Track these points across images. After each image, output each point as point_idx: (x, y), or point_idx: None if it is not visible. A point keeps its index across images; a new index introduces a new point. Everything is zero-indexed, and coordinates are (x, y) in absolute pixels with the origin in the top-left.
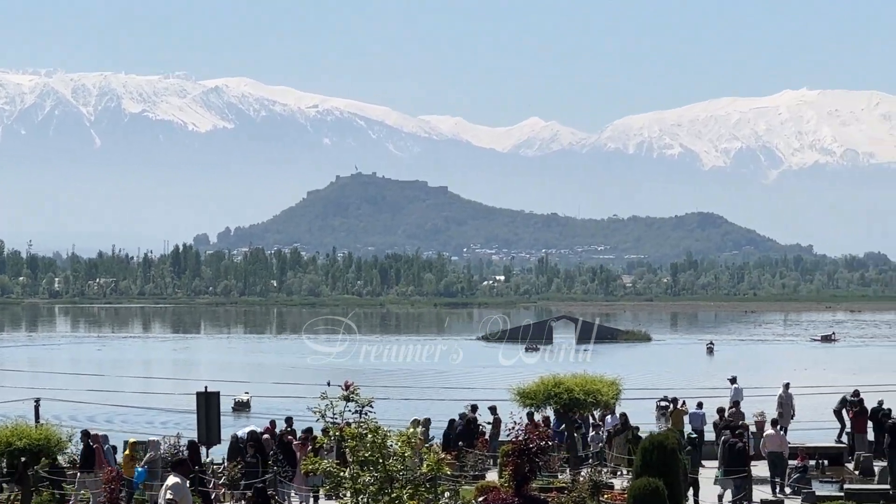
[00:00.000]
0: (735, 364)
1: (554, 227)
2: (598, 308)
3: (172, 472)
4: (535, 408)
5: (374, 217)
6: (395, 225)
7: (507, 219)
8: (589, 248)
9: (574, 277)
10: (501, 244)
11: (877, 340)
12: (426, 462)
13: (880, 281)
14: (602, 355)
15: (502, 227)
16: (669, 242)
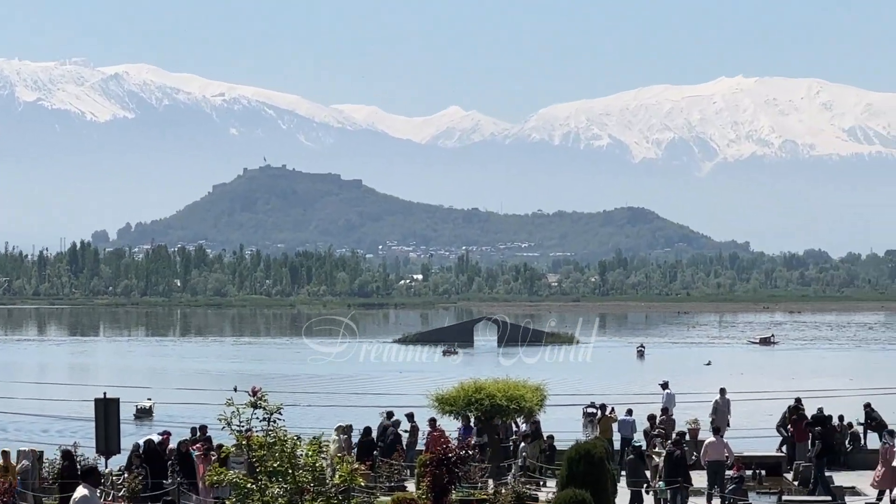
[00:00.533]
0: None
1: (475, 222)
2: (521, 309)
3: (82, 482)
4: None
5: (284, 212)
6: (306, 221)
7: (426, 214)
8: (512, 245)
9: (496, 276)
10: (419, 241)
11: (817, 343)
12: (339, 473)
13: (821, 280)
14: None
15: (420, 222)
16: (597, 239)
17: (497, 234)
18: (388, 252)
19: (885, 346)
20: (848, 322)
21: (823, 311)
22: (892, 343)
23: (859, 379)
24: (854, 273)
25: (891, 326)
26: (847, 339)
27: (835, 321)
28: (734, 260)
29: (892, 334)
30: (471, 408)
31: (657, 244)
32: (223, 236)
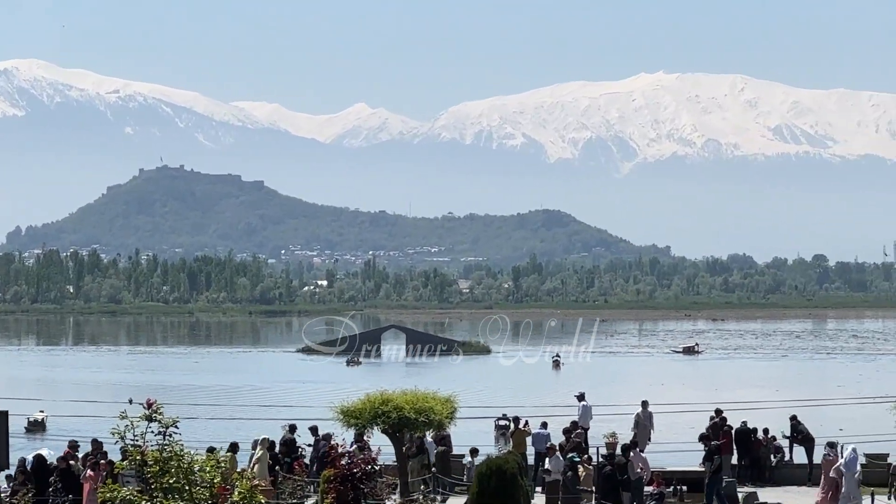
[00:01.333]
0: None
1: (382, 226)
2: (431, 316)
3: None
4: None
5: (182, 215)
6: (205, 224)
7: (330, 217)
8: (421, 249)
9: (405, 282)
10: (324, 245)
11: (742, 352)
12: (238, 490)
13: (745, 286)
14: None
15: (325, 226)
16: (511, 243)
17: (405, 238)
18: (291, 257)
19: (812, 356)
20: (774, 330)
21: (748, 319)
22: (820, 352)
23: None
24: (780, 279)
25: (818, 335)
26: (773, 348)
27: (760, 329)
28: (654, 265)
29: (820, 343)
30: (377, 420)
31: (573, 248)
32: (118, 240)
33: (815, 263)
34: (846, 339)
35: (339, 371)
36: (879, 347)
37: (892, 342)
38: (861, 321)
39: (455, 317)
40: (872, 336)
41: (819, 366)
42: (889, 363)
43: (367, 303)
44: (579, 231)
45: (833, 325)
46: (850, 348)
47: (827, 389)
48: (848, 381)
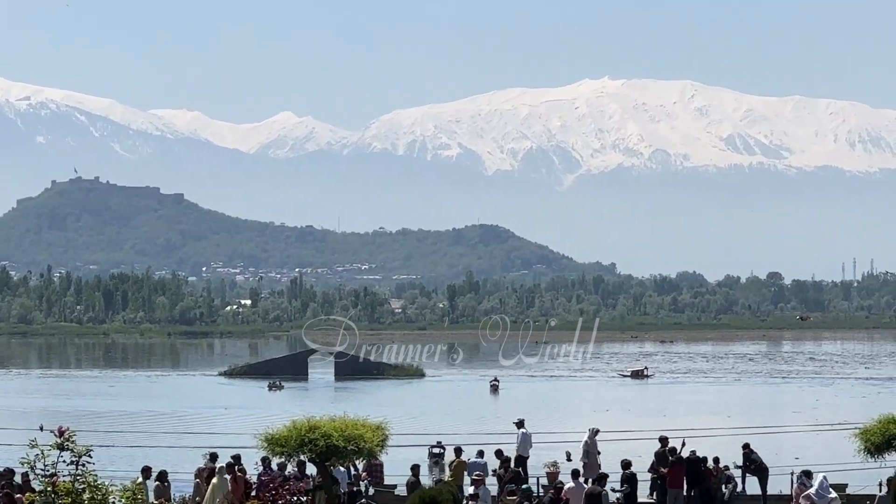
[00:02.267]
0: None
1: (309, 241)
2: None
3: None
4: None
5: (97, 230)
6: (121, 239)
7: (254, 232)
8: (351, 266)
9: (333, 302)
10: (247, 262)
11: (691, 376)
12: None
13: (695, 306)
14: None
15: (248, 242)
16: (446, 260)
17: (334, 255)
18: (212, 274)
19: (766, 380)
20: (726, 353)
21: (698, 341)
22: (775, 376)
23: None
24: (732, 298)
25: (773, 357)
26: (724, 371)
27: (711, 352)
28: (599, 283)
29: (775, 366)
30: (304, 449)
31: (513, 266)
32: (28, 257)
33: (769, 282)
34: (803, 362)
35: (262, 396)
36: (838, 371)
37: (851, 365)
38: (818, 343)
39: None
40: (830, 359)
41: (774, 390)
42: (848, 387)
43: (293, 323)
44: (519, 247)
45: (789, 347)
46: (806, 372)
47: (782, 416)
48: (804, 406)
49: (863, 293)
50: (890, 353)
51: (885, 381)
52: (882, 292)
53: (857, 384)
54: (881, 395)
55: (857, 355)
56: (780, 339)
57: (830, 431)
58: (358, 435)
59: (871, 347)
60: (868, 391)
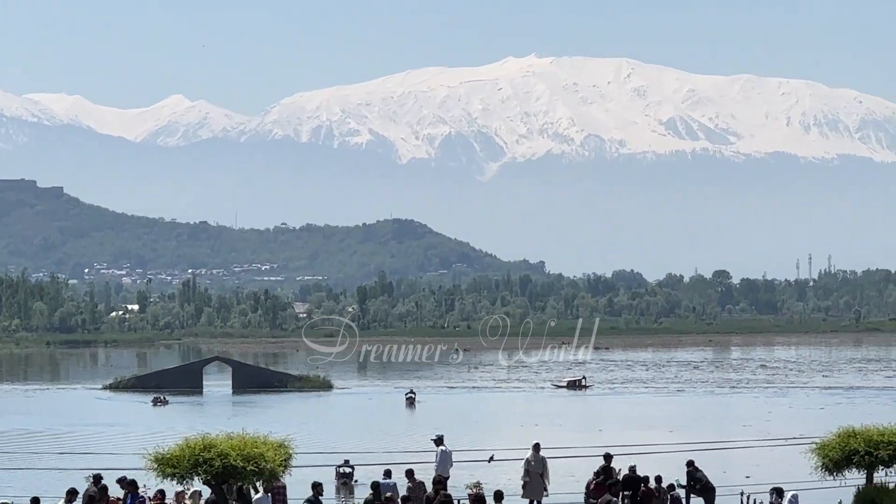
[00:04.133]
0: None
1: (204, 239)
2: (262, 346)
3: None
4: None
5: None
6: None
7: (142, 229)
8: (250, 267)
9: (231, 306)
10: (135, 263)
11: (629, 387)
12: None
13: (634, 308)
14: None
15: (135, 240)
16: (356, 259)
17: (231, 254)
18: (96, 277)
19: (713, 390)
20: (668, 360)
21: (637, 347)
22: (722, 386)
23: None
24: (675, 300)
25: (720, 365)
26: (667, 381)
27: (651, 359)
28: (526, 284)
29: (723, 375)
30: (198, 469)
31: (430, 265)
32: None
33: (715, 281)
34: (753, 370)
35: (149, 412)
36: (792, 379)
37: (807, 373)
38: (770, 348)
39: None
40: (784, 366)
41: (721, 401)
42: (803, 398)
43: (186, 330)
44: (436, 244)
45: (738, 354)
46: (757, 381)
47: (731, 429)
48: (755, 419)
49: (819, 293)
50: (850, 359)
51: (844, 391)
52: (840, 292)
53: (814, 394)
54: (840, 407)
55: (813, 362)
56: (728, 344)
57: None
58: (258, 454)
59: (828, 353)
60: (826, 402)
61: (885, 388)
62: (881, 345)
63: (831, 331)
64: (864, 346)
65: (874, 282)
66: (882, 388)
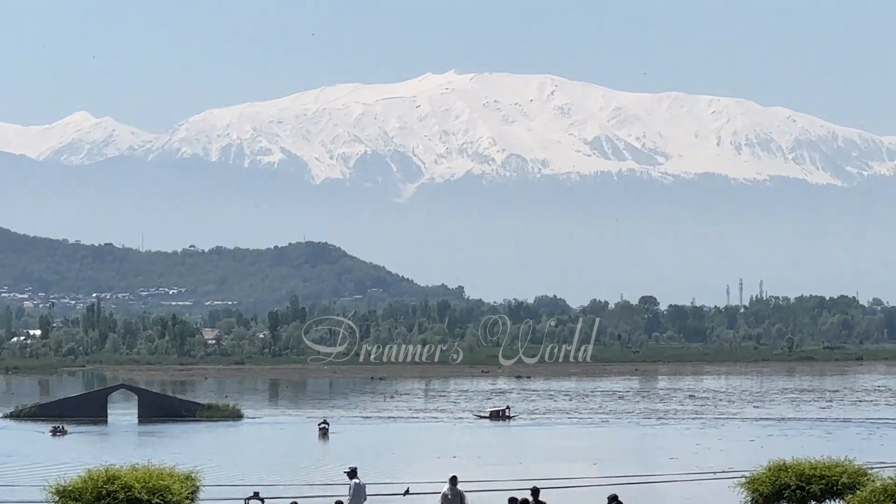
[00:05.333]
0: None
1: (109, 262)
2: (170, 374)
3: None
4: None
5: None
6: None
7: (44, 251)
8: (157, 291)
9: (137, 331)
10: (36, 286)
11: (552, 417)
12: None
13: (557, 336)
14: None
15: (37, 262)
16: (267, 283)
17: (138, 278)
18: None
19: (639, 421)
20: (592, 389)
21: (560, 376)
22: (649, 417)
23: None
24: (600, 326)
25: (647, 395)
26: (590, 411)
27: (575, 388)
28: (444, 310)
29: (649, 405)
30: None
31: (344, 290)
32: None
33: (642, 307)
34: (681, 401)
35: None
36: (722, 410)
37: (737, 404)
38: (699, 378)
39: (199, 374)
40: (713, 396)
41: (647, 433)
42: (733, 430)
43: (90, 357)
44: (351, 268)
45: (665, 383)
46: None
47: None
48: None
49: (751, 320)
50: (782, 389)
51: (776, 423)
52: (773, 319)
53: (745, 426)
54: (771, 439)
55: (744, 392)
56: (655, 373)
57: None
58: (164, 486)
59: (760, 383)
60: (757, 434)
61: (819, 420)
62: (814, 374)
63: (763, 359)
64: (796, 375)
65: (807, 308)
66: (815, 419)
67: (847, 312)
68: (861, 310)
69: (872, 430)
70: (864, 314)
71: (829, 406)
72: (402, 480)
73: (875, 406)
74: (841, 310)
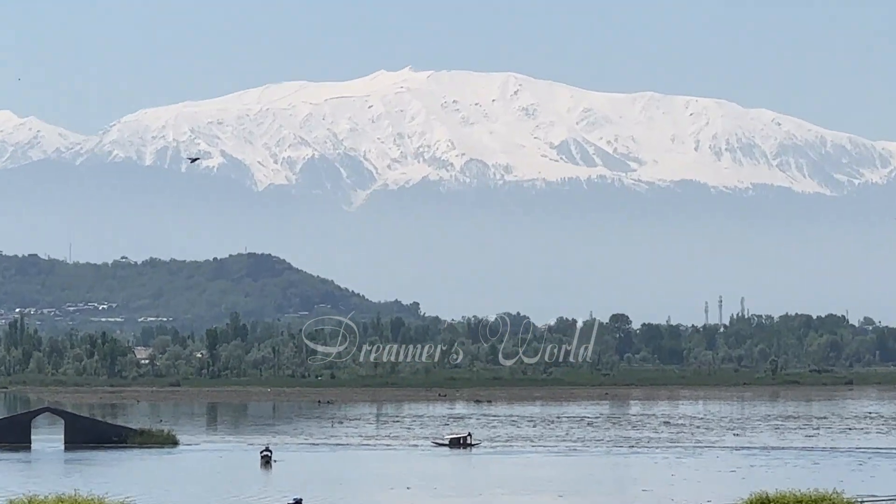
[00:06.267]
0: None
1: (33, 274)
2: (99, 396)
3: None
4: None
5: None
6: None
7: None
8: (86, 306)
9: (64, 350)
10: None
11: (516, 445)
12: None
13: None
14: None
15: None
16: (205, 298)
17: (64, 292)
18: None
19: (609, 450)
20: (559, 415)
21: (523, 400)
22: (620, 445)
23: (572, 496)
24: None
25: (618, 421)
26: (557, 439)
27: (540, 414)
28: (398, 328)
29: (621, 432)
30: None
31: (289, 306)
32: None
33: (613, 326)
34: (655, 427)
35: None
36: (700, 438)
37: (716, 431)
38: (675, 403)
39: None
40: (690, 423)
41: (619, 463)
42: (712, 459)
43: (12, 377)
44: (297, 282)
45: (638, 409)
46: (660, 439)
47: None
48: (657, 482)
49: (731, 341)
50: (765, 416)
51: (758, 452)
52: (755, 339)
53: (724, 455)
54: (753, 470)
55: (723, 419)
56: (627, 398)
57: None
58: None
59: (741, 409)
60: (738, 464)
61: (805, 450)
62: (800, 399)
63: (744, 383)
64: (781, 400)
65: (793, 328)
66: (801, 448)
67: (836, 332)
68: (851, 330)
69: (863, 460)
70: (854, 335)
71: (816, 434)
72: None
73: (866, 434)
74: (829, 330)
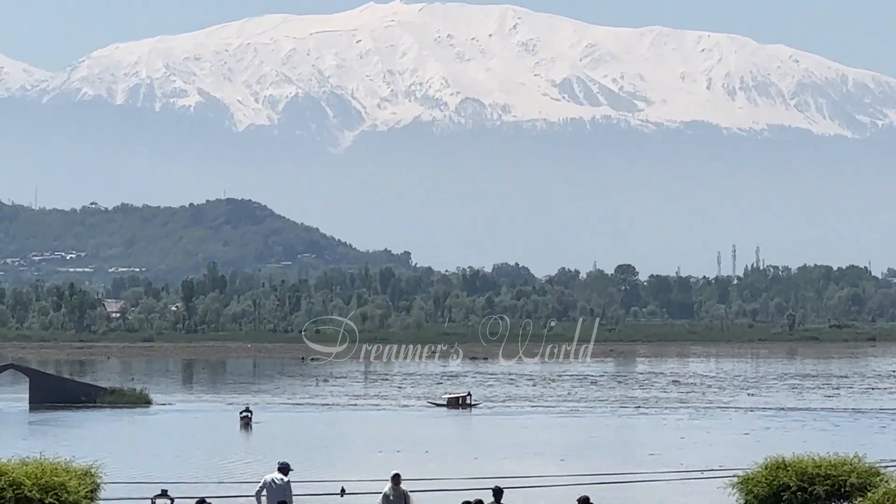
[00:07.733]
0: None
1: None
2: (67, 352)
3: None
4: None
5: None
6: None
7: None
8: (52, 255)
9: (28, 303)
10: None
11: (514, 405)
12: None
13: (519, 310)
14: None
15: None
16: (181, 247)
17: (29, 240)
18: None
19: (614, 410)
20: (560, 373)
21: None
22: (626, 405)
23: (574, 460)
24: (569, 300)
25: (624, 380)
26: (558, 399)
27: (539, 372)
28: (388, 279)
29: (626, 391)
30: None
31: (271, 255)
32: None
33: (618, 278)
34: (663, 387)
35: None
36: (711, 399)
37: (729, 391)
38: (685, 360)
39: (101, 352)
40: (701, 382)
41: (624, 424)
42: (724, 421)
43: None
44: (279, 230)
45: (645, 367)
46: (668, 399)
47: (635, 458)
48: (665, 446)
49: (745, 294)
50: (781, 374)
51: (774, 413)
52: (771, 292)
53: (737, 416)
54: (769, 432)
55: (737, 377)
56: (634, 354)
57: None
58: (59, 483)
59: (755, 367)
60: (752, 426)
61: (824, 410)
62: (819, 357)
63: (759, 339)
64: (798, 358)
65: (811, 280)
66: (820, 409)
67: (857, 285)
68: (874, 282)
69: (886, 422)
70: (877, 287)
71: (836, 394)
72: (337, 478)
73: (889, 394)
74: (850, 282)
